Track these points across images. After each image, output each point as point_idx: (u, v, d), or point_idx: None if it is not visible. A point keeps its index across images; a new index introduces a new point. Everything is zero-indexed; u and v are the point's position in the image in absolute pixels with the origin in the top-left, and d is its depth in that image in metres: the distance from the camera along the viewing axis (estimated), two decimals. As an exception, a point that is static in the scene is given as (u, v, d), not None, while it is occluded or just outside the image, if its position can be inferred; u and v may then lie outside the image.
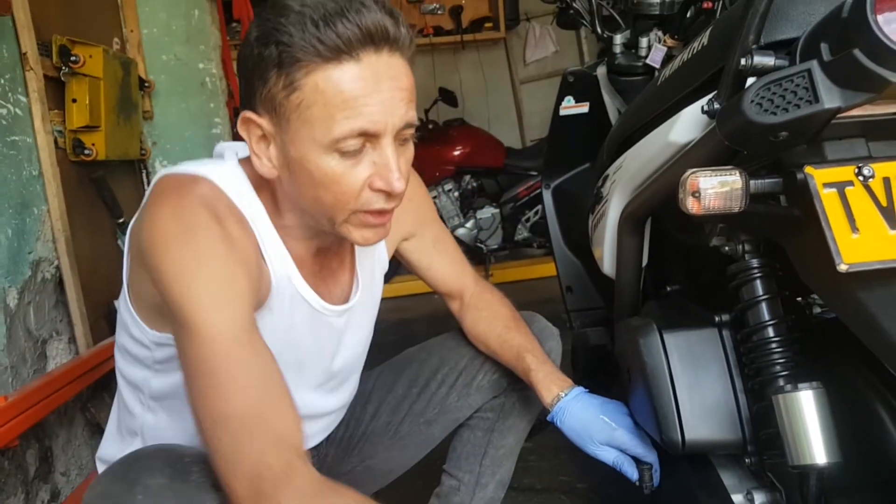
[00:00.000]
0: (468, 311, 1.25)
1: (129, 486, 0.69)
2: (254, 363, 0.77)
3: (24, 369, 1.55)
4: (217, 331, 0.76)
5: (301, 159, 0.82)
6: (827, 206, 0.75)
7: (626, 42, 1.69)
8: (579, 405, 1.11)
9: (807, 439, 0.84)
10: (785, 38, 0.79)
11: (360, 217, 0.85)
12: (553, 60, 5.62)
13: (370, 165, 0.82)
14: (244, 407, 0.74)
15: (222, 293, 0.78)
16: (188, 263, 0.78)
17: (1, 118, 1.57)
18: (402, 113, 0.82)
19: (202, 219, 0.81)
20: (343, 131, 0.78)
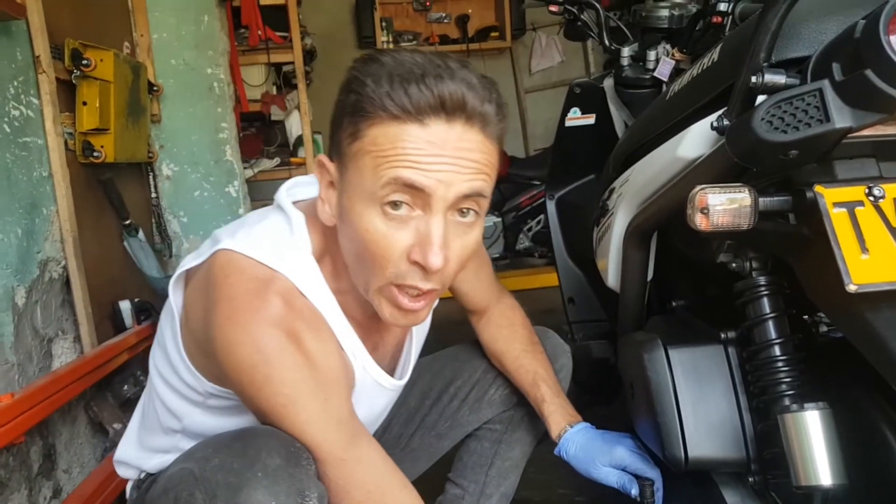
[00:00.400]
0: (488, 326, 1.24)
1: (249, 463, 0.71)
2: (379, 466, 0.84)
3: (30, 367, 1.55)
4: (338, 455, 0.80)
5: (350, 210, 0.77)
6: (836, 225, 0.75)
7: (633, 54, 1.70)
8: (582, 436, 1.12)
9: (812, 460, 0.83)
10: (796, 56, 0.80)
11: (393, 292, 0.79)
12: (558, 70, 5.63)
13: (414, 234, 0.75)
14: None
15: (326, 416, 0.80)
16: (283, 403, 0.78)
17: (13, 120, 1.57)
18: (462, 180, 0.74)
19: (282, 344, 0.78)
20: (388, 177, 0.72)
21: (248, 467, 0.71)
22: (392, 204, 0.74)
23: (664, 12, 1.56)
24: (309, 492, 0.73)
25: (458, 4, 5.21)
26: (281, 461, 0.72)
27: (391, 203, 0.74)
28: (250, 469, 0.71)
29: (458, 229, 0.77)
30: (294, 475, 0.72)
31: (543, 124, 5.63)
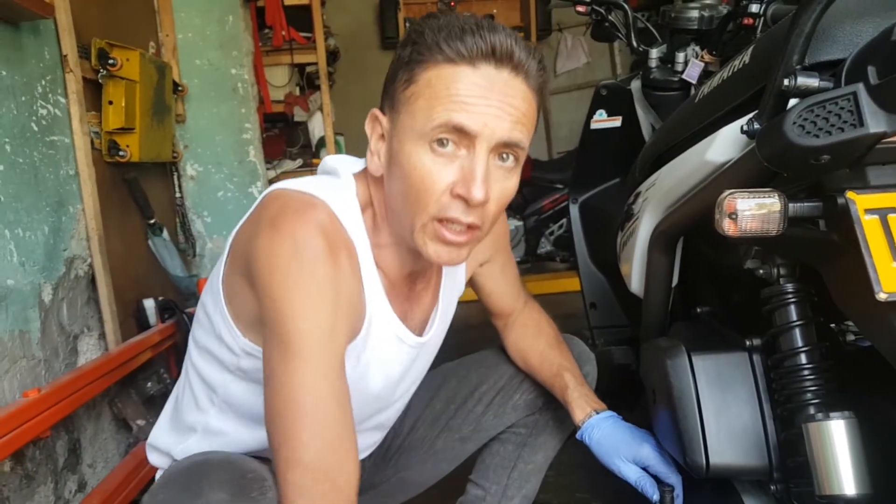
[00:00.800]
0: (513, 328, 1.25)
1: (192, 497, 0.69)
2: (333, 410, 0.79)
3: (56, 363, 1.58)
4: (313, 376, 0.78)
5: (399, 151, 0.84)
6: (868, 232, 0.73)
7: (661, 56, 1.68)
8: (609, 424, 1.11)
9: (836, 469, 0.82)
10: (830, 59, 0.78)
11: (436, 227, 0.84)
12: (584, 72, 5.61)
13: (458, 170, 0.82)
14: (314, 459, 0.76)
15: (326, 332, 0.80)
16: (302, 299, 0.80)
17: (41, 118, 1.60)
18: (505, 126, 0.81)
19: (319, 252, 0.82)
20: (439, 120, 0.80)
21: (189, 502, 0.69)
22: (440, 142, 0.81)
23: (694, 13, 1.54)
24: None
25: (483, 5, 5.20)
26: (225, 495, 0.69)
27: (439, 141, 0.81)
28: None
29: (497, 173, 0.84)
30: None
31: (568, 126, 5.60)
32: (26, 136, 1.53)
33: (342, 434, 0.79)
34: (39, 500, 1.48)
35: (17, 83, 1.51)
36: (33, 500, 1.45)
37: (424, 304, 1.05)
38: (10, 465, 1.38)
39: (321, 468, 0.76)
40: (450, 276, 1.10)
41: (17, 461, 1.41)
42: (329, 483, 0.76)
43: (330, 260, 0.82)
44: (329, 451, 0.77)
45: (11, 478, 1.38)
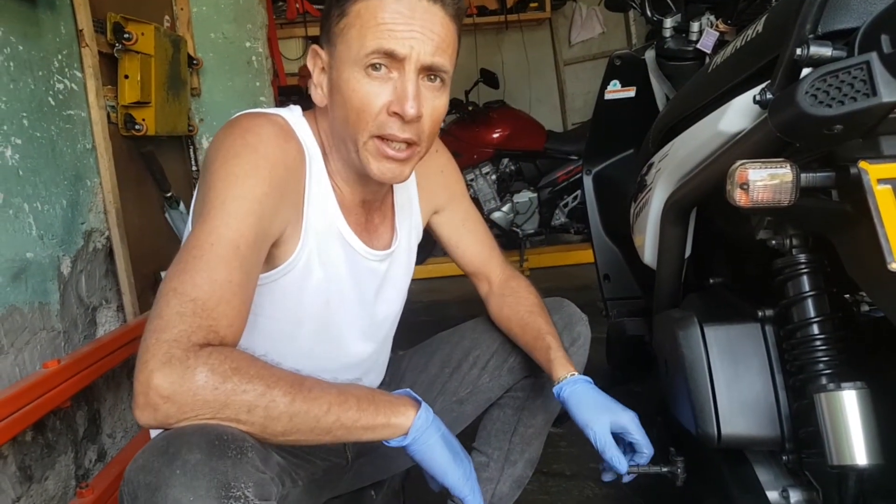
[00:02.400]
0: (494, 297, 1.27)
1: (169, 460, 0.69)
2: (236, 272, 0.81)
3: (75, 335, 1.61)
4: (224, 233, 0.82)
5: (338, 79, 0.92)
6: (881, 202, 0.72)
7: (676, 26, 1.66)
8: (589, 387, 1.08)
9: (848, 439, 0.82)
10: (843, 28, 0.77)
11: (377, 145, 0.92)
12: (599, 42, 5.53)
13: (392, 91, 0.90)
14: (204, 295, 0.78)
15: (248, 207, 0.85)
16: (236, 175, 0.86)
17: (58, 93, 1.61)
18: (428, 50, 0.89)
19: (265, 136, 0.90)
20: (371, 47, 0.88)
21: (166, 465, 0.69)
22: (373, 66, 0.89)
23: (709, -18, 1.52)
24: (237, 482, 0.70)
25: (498, -27, 5.14)
26: (202, 455, 0.69)
27: (372, 65, 0.89)
28: (169, 467, 0.69)
29: (427, 92, 0.92)
30: (216, 468, 0.70)
31: (582, 98, 5.55)
32: (43, 111, 1.54)
33: (238, 294, 0.81)
34: (60, 469, 1.52)
35: (34, 58, 1.52)
36: (54, 469, 1.49)
37: (383, 236, 1.10)
38: (32, 435, 1.41)
39: (207, 308, 0.77)
40: (405, 213, 1.15)
41: (39, 431, 1.44)
42: (210, 322, 0.77)
43: (276, 145, 0.91)
44: (220, 300, 0.79)
45: (33, 447, 1.42)
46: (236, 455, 0.72)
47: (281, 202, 0.90)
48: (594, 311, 1.84)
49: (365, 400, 0.86)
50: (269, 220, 0.88)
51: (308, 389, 0.80)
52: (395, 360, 1.33)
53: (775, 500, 1.01)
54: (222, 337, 0.79)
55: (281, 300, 0.99)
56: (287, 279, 0.97)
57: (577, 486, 1.77)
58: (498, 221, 4.53)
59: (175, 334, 0.75)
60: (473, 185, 4.58)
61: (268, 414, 0.76)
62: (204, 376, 0.73)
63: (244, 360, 0.77)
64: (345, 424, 0.83)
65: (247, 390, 0.75)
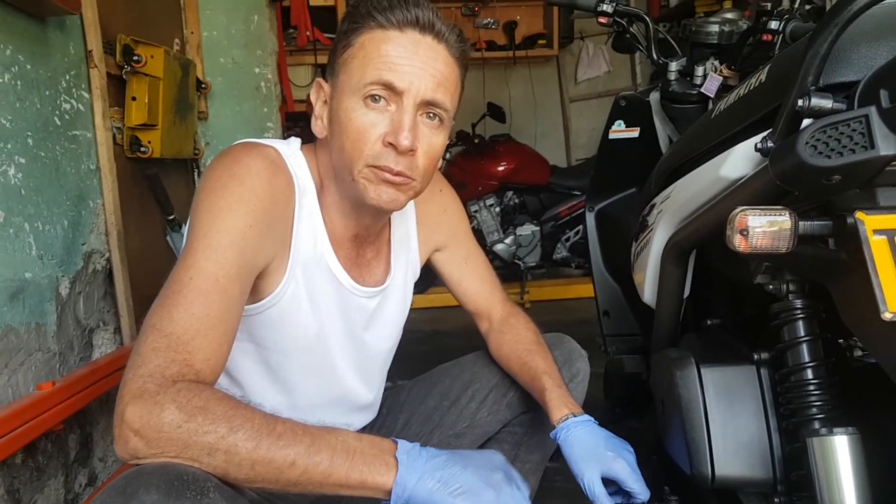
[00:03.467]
0: (493, 334, 1.27)
1: (125, 500, 0.69)
2: (215, 305, 0.81)
3: (71, 357, 1.61)
4: (205, 266, 0.82)
5: (338, 108, 0.94)
6: (875, 252, 0.73)
7: (681, 69, 1.68)
8: (586, 430, 1.06)
9: (839, 484, 0.83)
10: (844, 81, 0.79)
11: (373, 172, 0.93)
12: (605, 80, 5.60)
13: (388, 122, 0.92)
14: (179, 329, 0.78)
15: (230, 241, 0.85)
16: (220, 208, 0.86)
17: (64, 113, 1.63)
18: (429, 86, 0.91)
19: (254, 170, 0.91)
20: (371, 78, 0.90)
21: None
22: (372, 97, 0.91)
23: (714, 28, 1.54)
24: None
25: (507, 11, 5.21)
26: (159, 496, 0.69)
27: (372, 97, 0.91)
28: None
29: (425, 129, 0.94)
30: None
31: (587, 134, 5.60)
32: (49, 130, 1.56)
33: (216, 328, 0.80)
34: (49, 493, 1.50)
35: (42, 77, 1.54)
36: (43, 493, 1.47)
37: (376, 273, 1.10)
38: (22, 458, 1.40)
39: (182, 342, 0.77)
40: (401, 250, 1.15)
41: (29, 454, 1.43)
42: (184, 356, 0.77)
43: (264, 177, 0.91)
44: (196, 333, 0.78)
45: (22, 470, 1.40)
46: (196, 496, 0.71)
47: (266, 235, 0.90)
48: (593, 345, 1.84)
49: (341, 453, 0.78)
50: (253, 252, 0.88)
51: (277, 436, 0.76)
52: (395, 392, 1.33)
53: (767, 540, 1.00)
54: (198, 371, 0.78)
55: (269, 331, 0.99)
56: (273, 311, 0.98)
57: (571, 524, 1.75)
58: (500, 253, 4.55)
59: (150, 369, 0.75)
60: (477, 216, 4.60)
61: (228, 459, 0.74)
62: (170, 413, 0.72)
63: (214, 398, 0.75)
64: (313, 479, 0.77)
65: (208, 431, 0.73)
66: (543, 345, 1.23)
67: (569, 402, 1.12)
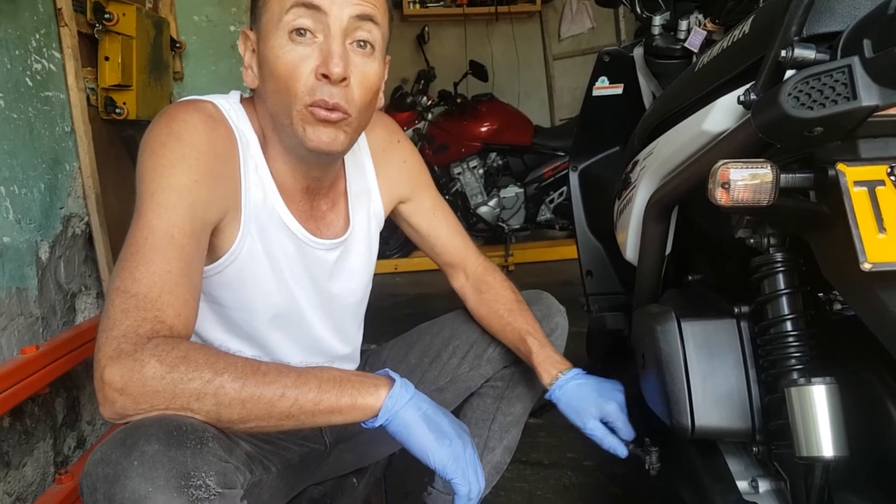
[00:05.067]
0: (471, 294, 1.28)
1: (127, 452, 0.70)
2: (175, 261, 0.81)
3: (54, 321, 1.59)
4: (157, 224, 0.83)
5: (264, 50, 0.92)
6: (856, 204, 0.74)
7: (665, 24, 1.67)
8: (575, 384, 1.13)
9: (816, 432, 0.85)
10: (828, 31, 0.78)
11: (310, 112, 0.90)
12: (588, 37, 5.54)
13: (318, 54, 0.89)
14: (144, 289, 0.78)
15: (178, 197, 0.85)
16: (163, 166, 0.86)
17: (36, 73, 1.59)
18: (353, 7, 0.89)
19: (191, 125, 0.89)
20: (289, 3, 0.88)
21: (124, 456, 0.70)
22: (297, 31, 0.89)
23: (698, -20, 1.53)
24: (197, 472, 0.71)
25: (489, -34, 5.13)
26: (160, 446, 0.70)
27: (297, 31, 0.89)
28: (126, 458, 0.70)
29: (356, 58, 0.91)
30: (175, 458, 0.70)
31: (571, 93, 5.56)
32: (20, 92, 1.52)
33: (181, 283, 0.81)
34: (38, 455, 1.50)
35: (11, 37, 1.49)
36: (32, 455, 1.48)
37: (335, 226, 1.09)
38: (9, 422, 1.40)
39: (149, 300, 0.78)
40: (361, 202, 1.13)
41: (16, 417, 1.42)
42: (155, 313, 0.77)
43: (202, 131, 0.90)
44: (162, 290, 0.79)
45: (10, 434, 1.40)
46: (195, 445, 0.72)
47: (213, 189, 0.89)
48: (577, 306, 1.86)
49: (329, 381, 0.83)
50: (204, 207, 0.88)
51: (262, 374, 0.79)
52: (377, 352, 1.34)
53: (745, 489, 1.03)
54: (170, 327, 0.78)
55: (230, 290, 0.99)
56: (232, 269, 0.97)
57: (555, 474, 1.80)
58: (484, 216, 4.54)
59: (123, 330, 0.75)
60: (460, 178, 4.58)
61: (218, 401, 0.76)
62: (151, 367, 0.73)
63: (193, 348, 0.77)
64: (304, 408, 0.80)
65: (193, 378, 0.75)
66: (524, 303, 1.24)
67: (556, 361, 1.16)
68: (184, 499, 0.69)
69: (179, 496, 0.69)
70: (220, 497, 0.72)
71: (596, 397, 1.12)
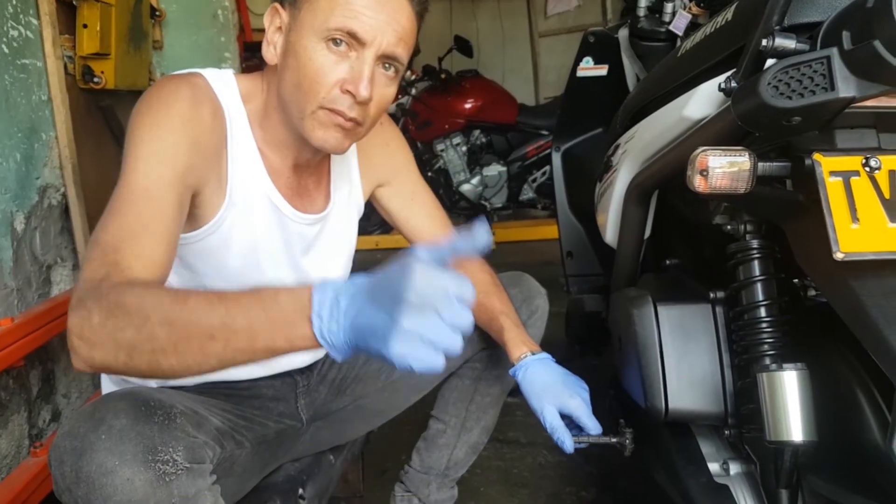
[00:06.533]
0: None
1: (95, 426, 0.70)
2: (145, 210, 0.82)
3: (29, 293, 1.58)
4: (135, 180, 0.84)
5: (297, 44, 0.93)
6: (831, 193, 0.75)
7: (650, 5, 1.66)
8: (542, 367, 1.13)
9: (786, 417, 0.87)
10: (808, 21, 0.78)
11: (324, 114, 0.93)
12: (575, 15, 5.52)
13: (348, 69, 0.92)
14: (110, 237, 0.80)
15: (157, 157, 0.86)
16: (147, 130, 0.88)
17: (12, 40, 1.55)
18: (391, 40, 0.92)
19: (179, 96, 0.92)
20: (337, 24, 0.90)
21: (92, 430, 0.70)
22: (335, 41, 0.91)
23: (682, -37, 1.52)
24: (164, 446, 0.71)
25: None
26: (127, 421, 0.70)
27: (334, 40, 0.91)
28: (94, 432, 0.70)
29: (381, 79, 0.95)
30: (143, 433, 0.70)
31: (556, 71, 5.54)
32: (-3, 59, 1.49)
33: (148, 229, 0.81)
34: (13, 428, 1.49)
35: (-13, 3, 1.46)
36: (7, 428, 1.47)
37: (317, 201, 1.10)
38: (-16, 392, 1.39)
39: (111, 246, 0.78)
40: (343, 181, 1.14)
41: (-9, 388, 1.42)
42: (113, 258, 0.77)
43: (188, 104, 0.91)
44: (126, 237, 0.79)
45: (-15, 404, 1.40)
46: (163, 420, 0.73)
47: (196, 155, 0.91)
48: (556, 286, 1.87)
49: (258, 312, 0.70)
50: (184, 168, 0.88)
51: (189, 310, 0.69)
52: None
53: (716, 471, 1.05)
54: (126, 268, 0.76)
55: (207, 258, 1.00)
56: (212, 239, 0.98)
57: (531, 453, 1.82)
58: (466, 194, 4.54)
59: (85, 277, 0.76)
60: (443, 155, 4.56)
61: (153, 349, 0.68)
62: (95, 314, 0.70)
63: (128, 291, 0.72)
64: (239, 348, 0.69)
65: (125, 326, 0.69)
66: (499, 285, 1.25)
67: (527, 341, 1.16)
68: (151, 473, 0.70)
69: (146, 470, 0.69)
70: (187, 472, 0.72)
71: (560, 387, 1.10)
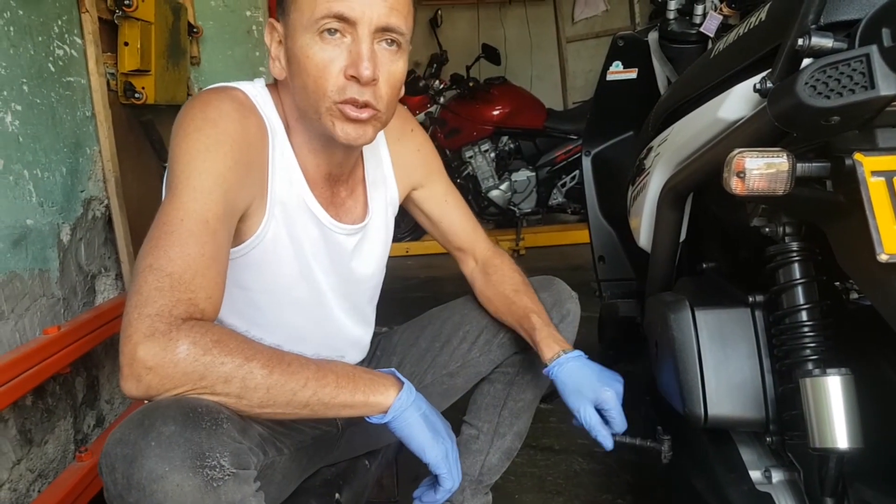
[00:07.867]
0: (478, 276, 1.29)
1: (144, 433, 0.72)
2: (208, 245, 0.83)
3: (74, 302, 1.62)
4: (193, 207, 0.84)
5: (294, 47, 0.93)
6: (873, 194, 0.74)
7: (680, 8, 1.65)
8: (577, 364, 1.12)
9: (830, 423, 0.84)
10: (845, 19, 0.77)
11: (339, 109, 0.92)
12: (602, 20, 5.50)
13: (347, 55, 0.90)
14: (179, 269, 0.80)
15: (213, 182, 0.86)
16: (198, 150, 0.87)
17: (58, 59, 1.61)
18: (381, 11, 0.90)
19: (225, 112, 0.91)
20: (322, 11, 0.89)
21: (142, 437, 0.71)
22: (327, 31, 0.90)
23: (713, -35, 1.51)
24: (212, 452, 0.72)
25: (503, -52, 5.08)
26: (176, 427, 0.72)
27: (327, 30, 0.90)
28: (144, 438, 0.71)
29: (384, 56, 0.93)
30: (191, 439, 0.72)
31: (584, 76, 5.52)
32: (43, 77, 1.54)
33: (212, 267, 0.83)
34: (59, 433, 1.54)
35: (34, 23, 1.51)
36: (54, 433, 1.51)
37: (354, 212, 1.11)
38: (32, 400, 1.43)
39: (184, 282, 0.79)
40: (378, 189, 1.16)
41: (39, 396, 1.46)
42: (189, 295, 0.79)
43: (236, 119, 0.92)
44: (196, 273, 0.80)
45: (33, 412, 1.44)
46: (211, 426, 0.74)
47: (245, 176, 0.92)
48: (588, 291, 1.86)
49: (345, 377, 0.88)
50: (235, 193, 0.89)
51: (287, 364, 0.82)
52: (388, 336, 1.35)
53: (758, 479, 1.03)
54: (202, 310, 0.81)
55: (254, 272, 1.01)
56: (256, 252, 0.99)
57: (566, 460, 1.81)
58: (495, 200, 4.54)
59: (157, 308, 0.77)
60: (472, 162, 4.57)
61: (244, 385, 0.79)
62: (185, 348, 0.75)
63: (225, 334, 0.80)
64: (322, 400, 0.85)
65: (225, 362, 0.77)
66: (529, 285, 1.25)
67: (559, 340, 1.15)
68: (199, 478, 0.71)
69: (195, 476, 0.71)
70: (234, 477, 0.74)
71: (595, 382, 1.09)
